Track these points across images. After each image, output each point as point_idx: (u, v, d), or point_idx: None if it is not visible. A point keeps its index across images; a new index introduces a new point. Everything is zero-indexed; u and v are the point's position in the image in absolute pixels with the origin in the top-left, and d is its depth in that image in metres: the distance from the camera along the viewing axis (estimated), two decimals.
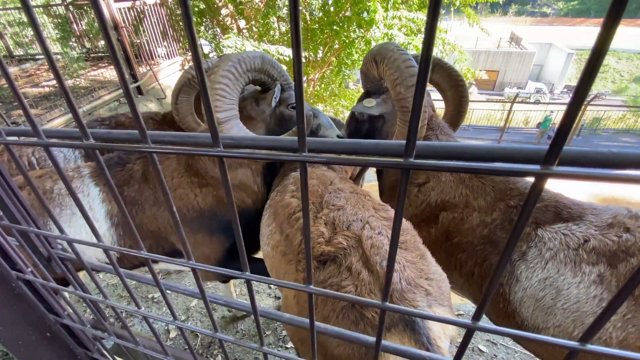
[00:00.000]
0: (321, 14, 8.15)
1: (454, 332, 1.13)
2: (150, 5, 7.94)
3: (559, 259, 1.40)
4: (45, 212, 1.74)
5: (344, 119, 3.77)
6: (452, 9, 8.56)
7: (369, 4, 6.72)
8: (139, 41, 7.75)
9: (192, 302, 2.93)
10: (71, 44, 8.64)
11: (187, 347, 2.53)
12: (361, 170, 2.30)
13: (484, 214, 1.67)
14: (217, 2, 8.58)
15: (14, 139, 0.53)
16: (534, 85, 27.71)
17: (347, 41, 7.59)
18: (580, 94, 0.24)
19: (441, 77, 2.15)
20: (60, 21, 8.29)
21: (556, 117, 18.68)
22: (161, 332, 2.71)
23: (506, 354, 2.50)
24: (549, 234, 1.46)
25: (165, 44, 8.63)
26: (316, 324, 0.60)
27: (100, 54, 8.80)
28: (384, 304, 0.42)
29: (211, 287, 3.14)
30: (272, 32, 8.86)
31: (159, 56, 8.47)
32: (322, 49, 8.67)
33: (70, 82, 6.87)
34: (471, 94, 24.11)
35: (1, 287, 0.91)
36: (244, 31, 9.27)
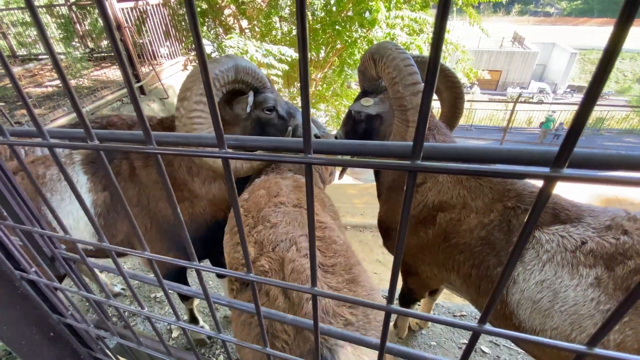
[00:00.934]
0: (323, 14, 8.15)
1: None
2: (152, 5, 7.96)
3: (556, 261, 1.39)
4: (39, 199, 1.73)
5: None
6: (454, 9, 8.54)
7: (371, 4, 6.71)
8: (141, 41, 7.77)
9: (195, 302, 2.93)
10: (74, 44, 8.67)
11: (189, 347, 2.53)
12: (342, 169, 2.31)
13: (482, 215, 1.66)
14: (220, 2, 8.59)
15: (18, 139, 0.53)
16: (537, 85, 27.60)
17: (349, 41, 7.58)
18: (591, 95, 0.23)
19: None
20: (63, 21, 8.33)
21: (559, 117, 18.60)
22: (163, 331, 2.71)
23: (509, 355, 2.49)
24: (547, 235, 1.45)
25: (167, 44, 8.65)
26: (320, 325, 0.60)
27: (103, 54, 8.83)
28: (389, 307, 0.42)
29: (213, 287, 3.14)
30: (274, 32, 8.87)
31: (161, 56, 8.50)
32: (324, 48, 8.68)
33: (73, 82, 6.89)
34: (473, 94, 24.04)
35: (5, 286, 0.91)
36: (246, 31, 9.28)
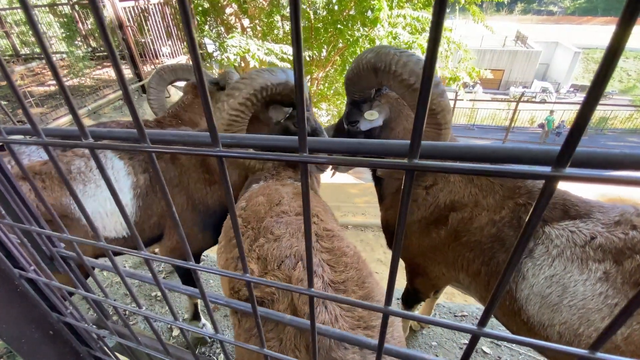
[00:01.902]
0: (325, 13, 8.13)
1: None
2: (154, 4, 7.97)
3: (565, 256, 1.40)
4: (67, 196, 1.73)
5: None
6: (457, 8, 8.50)
7: (373, 3, 6.69)
8: (143, 40, 7.78)
9: (194, 301, 2.94)
10: (77, 43, 8.69)
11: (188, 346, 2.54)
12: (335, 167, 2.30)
13: (493, 212, 1.67)
14: (222, 1, 8.59)
15: (14, 137, 0.52)
16: (539, 84, 27.46)
17: (351, 40, 7.56)
18: (594, 94, 0.22)
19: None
20: (65, 20, 8.35)
21: (561, 117, 18.52)
22: (164, 330, 2.72)
23: (510, 356, 2.48)
24: (557, 231, 1.46)
25: (169, 43, 8.65)
26: (317, 325, 0.59)
27: (105, 53, 8.85)
28: (387, 309, 0.41)
29: (214, 286, 3.14)
30: (276, 31, 8.87)
31: (163, 55, 8.50)
32: (326, 47, 8.66)
33: (75, 80, 6.91)
34: (476, 93, 23.96)
35: (4, 285, 0.91)
36: (248, 30, 9.28)
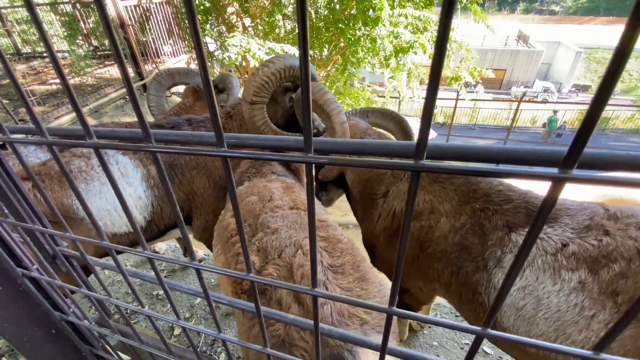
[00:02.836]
0: (327, 12, 8.12)
1: None
2: (156, 3, 7.97)
3: (537, 265, 1.33)
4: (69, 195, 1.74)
5: None
6: (458, 7, 8.48)
7: (374, 2, 6.67)
8: (145, 39, 7.78)
9: (196, 300, 2.94)
10: (78, 42, 8.70)
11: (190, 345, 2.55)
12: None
13: (452, 218, 1.62)
14: (223, 0, 8.58)
15: (17, 136, 0.52)
16: (541, 84, 27.38)
17: (352, 39, 7.55)
18: (603, 94, 0.22)
19: (377, 119, 2.46)
20: (67, 19, 8.35)
21: (563, 117, 18.47)
22: (165, 329, 2.72)
23: (511, 356, 2.48)
24: (523, 238, 1.40)
25: (171, 42, 8.65)
26: (320, 325, 0.59)
27: (107, 52, 8.85)
28: (391, 309, 0.41)
29: (215, 285, 3.15)
30: (277, 30, 8.85)
31: (164, 54, 8.51)
32: (327, 47, 8.65)
33: (77, 79, 6.92)
34: (477, 93, 23.92)
35: (7, 284, 0.91)
36: (249, 29, 9.27)
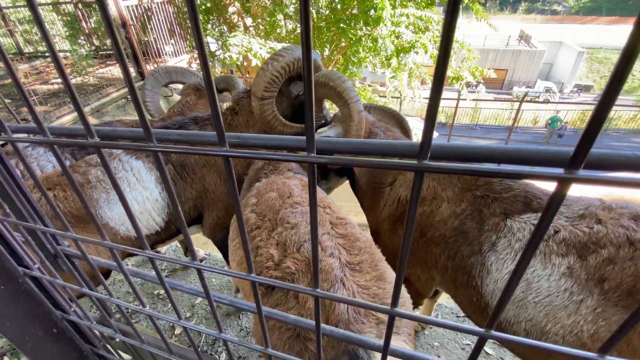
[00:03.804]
0: (328, 12, 8.11)
1: None
2: (157, 3, 7.98)
3: None
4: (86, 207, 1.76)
5: None
6: (460, 6, 8.46)
7: (376, 2, 6.66)
8: (146, 39, 7.79)
9: (197, 300, 2.95)
10: (80, 41, 8.71)
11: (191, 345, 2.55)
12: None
13: (454, 204, 1.66)
14: (224, 0, 8.59)
15: (19, 136, 0.52)
16: (543, 84, 27.30)
17: (353, 39, 7.54)
18: (610, 94, 0.22)
19: (378, 115, 2.50)
20: (69, 19, 8.37)
21: (565, 117, 18.41)
22: (166, 328, 2.72)
23: (513, 357, 2.47)
24: (518, 224, 1.43)
25: (172, 41, 8.66)
26: (322, 326, 0.59)
27: (108, 52, 8.87)
28: (393, 310, 0.41)
29: (216, 284, 3.15)
30: (278, 30, 8.85)
31: (166, 54, 8.51)
32: (328, 47, 8.64)
33: (78, 79, 6.93)
34: (479, 93, 23.88)
35: (8, 283, 0.92)
36: (251, 29, 9.27)
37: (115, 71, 7.74)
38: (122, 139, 0.42)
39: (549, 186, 1.61)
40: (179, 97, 3.07)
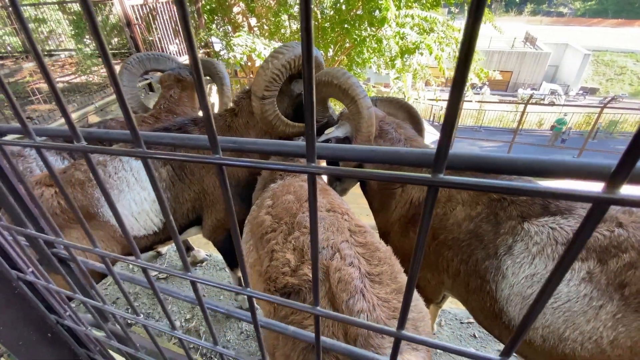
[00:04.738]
0: (332, 12, 8.08)
1: None
2: (162, 2, 7.99)
3: (546, 254, 1.34)
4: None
5: None
6: (465, 7, 8.41)
7: (381, 2, 6.62)
8: (151, 38, 7.81)
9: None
10: (86, 40, 8.75)
11: (193, 345, 2.52)
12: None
13: (469, 207, 1.62)
14: (229, 0, 8.59)
15: (5, 139, 0.50)
16: (548, 86, 27.10)
17: (358, 40, 7.51)
18: None
19: (386, 107, 2.42)
20: (74, 18, 8.41)
21: (570, 120, 18.22)
22: (166, 329, 2.69)
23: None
24: (536, 227, 1.40)
25: (177, 41, 8.67)
26: (323, 339, 0.56)
27: (114, 51, 8.90)
28: (400, 333, 0.37)
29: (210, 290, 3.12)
30: (283, 30, 8.84)
31: (170, 53, 8.53)
32: (332, 47, 8.61)
33: (83, 78, 6.95)
34: (483, 95, 23.76)
35: (1, 287, 0.89)
36: (255, 29, 9.27)
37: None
38: (109, 140, 0.39)
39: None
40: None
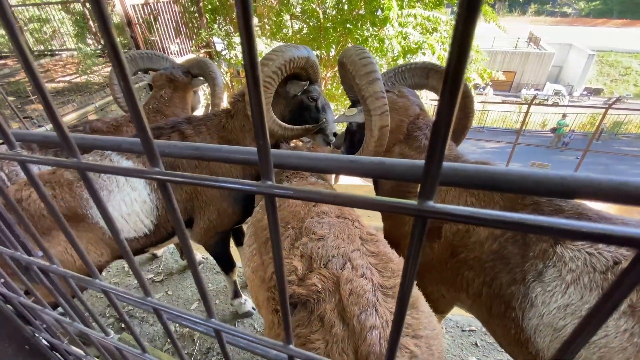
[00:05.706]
0: (334, 12, 8.03)
1: None
2: (163, 2, 7.97)
3: (582, 283, 1.19)
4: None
5: None
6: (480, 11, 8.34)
7: (383, 2, 6.57)
8: (152, 38, 7.78)
9: (193, 305, 2.87)
10: (88, 40, 8.75)
11: (187, 351, 2.46)
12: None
13: None
14: None
15: None
16: (552, 87, 26.88)
17: (360, 39, 7.45)
18: None
19: (418, 78, 2.11)
20: (77, 18, 8.40)
21: (574, 120, 18.04)
22: (160, 335, 2.65)
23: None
24: (571, 252, 1.25)
25: (178, 40, 8.65)
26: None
27: None
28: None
29: (212, 289, 3.07)
30: (284, 30, 8.80)
31: (172, 53, 8.50)
32: (334, 47, 8.56)
33: (83, 78, 6.94)
34: (487, 95, 23.60)
35: None
36: (257, 29, 9.23)
37: None
38: (38, 142, 0.33)
39: (605, 207, 1.43)
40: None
